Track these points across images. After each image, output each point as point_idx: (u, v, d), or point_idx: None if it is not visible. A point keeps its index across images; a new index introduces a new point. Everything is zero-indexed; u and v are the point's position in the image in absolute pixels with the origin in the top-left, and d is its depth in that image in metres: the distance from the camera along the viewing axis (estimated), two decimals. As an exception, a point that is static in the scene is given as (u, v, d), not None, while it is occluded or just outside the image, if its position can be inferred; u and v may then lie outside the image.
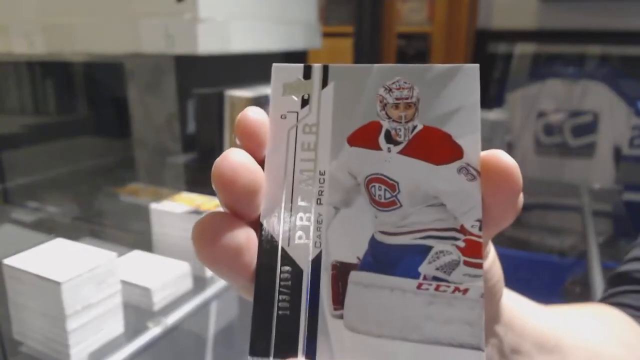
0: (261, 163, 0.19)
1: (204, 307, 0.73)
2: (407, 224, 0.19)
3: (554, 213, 1.50)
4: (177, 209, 0.76)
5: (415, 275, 0.18)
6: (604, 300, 0.40)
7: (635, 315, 0.37)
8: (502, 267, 0.28)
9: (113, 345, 0.61)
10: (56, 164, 1.11)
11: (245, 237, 0.18)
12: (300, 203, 0.19)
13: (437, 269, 0.18)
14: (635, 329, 0.36)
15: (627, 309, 0.37)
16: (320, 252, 0.18)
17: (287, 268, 0.18)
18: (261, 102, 0.90)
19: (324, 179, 0.19)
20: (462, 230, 0.18)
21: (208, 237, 0.17)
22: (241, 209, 0.18)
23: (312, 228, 0.19)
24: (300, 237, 0.19)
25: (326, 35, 1.23)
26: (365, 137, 0.19)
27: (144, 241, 0.79)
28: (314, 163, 0.19)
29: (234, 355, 0.82)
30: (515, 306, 0.27)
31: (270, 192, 0.19)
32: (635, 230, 0.46)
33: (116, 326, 0.62)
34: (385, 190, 0.19)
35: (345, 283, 0.18)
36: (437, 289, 0.18)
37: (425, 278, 0.18)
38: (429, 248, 0.18)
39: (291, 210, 0.19)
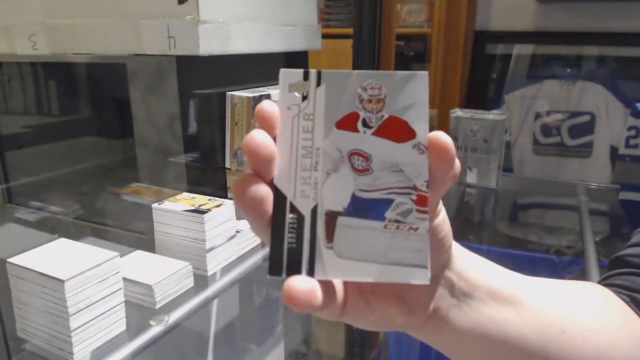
0: (273, 140, 0.25)
1: (205, 305, 0.73)
2: (377, 184, 0.25)
3: (551, 212, 1.51)
4: (178, 209, 0.77)
5: (382, 219, 0.25)
6: (599, 283, 0.42)
7: (621, 293, 0.39)
8: (501, 266, 0.34)
9: (116, 343, 0.61)
10: (59, 164, 1.12)
11: (265, 192, 0.24)
12: (302, 170, 0.25)
13: (397, 214, 0.25)
14: (621, 308, 0.38)
15: (613, 288, 0.40)
16: (317, 204, 0.25)
17: (293, 215, 0.25)
18: (262, 101, 0.90)
19: (319, 153, 0.25)
20: (415, 188, 0.25)
21: (241, 190, 0.24)
22: (262, 172, 0.24)
23: (311, 187, 0.25)
24: (302, 194, 0.25)
25: (326, 36, 1.24)
26: (348, 122, 0.25)
27: (146, 241, 0.80)
28: (312, 141, 0.25)
29: (235, 352, 0.82)
30: (468, 261, 0.32)
31: (281, 162, 0.25)
32: (632, 229, 0.47)
33: (119, 324, 0.63)
34: (362, 160, 0.25)
35: (334, 225, 0.25)
36: (397, 228, 0.25)
37: (389, 221, 0.25)
38: (392, 200, 0.25)
39: (296, 175, 0.25)
